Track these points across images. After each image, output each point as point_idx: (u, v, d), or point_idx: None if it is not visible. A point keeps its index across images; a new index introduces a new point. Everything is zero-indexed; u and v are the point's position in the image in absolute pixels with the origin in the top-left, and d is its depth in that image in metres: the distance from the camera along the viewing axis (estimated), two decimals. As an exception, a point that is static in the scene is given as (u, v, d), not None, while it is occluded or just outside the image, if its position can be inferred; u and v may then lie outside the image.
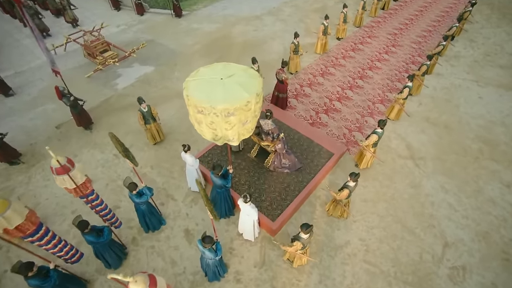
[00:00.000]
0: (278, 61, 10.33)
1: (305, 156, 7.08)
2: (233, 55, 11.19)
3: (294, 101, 9.13)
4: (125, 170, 7.34)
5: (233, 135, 4.16)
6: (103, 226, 5.07)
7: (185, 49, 11.69)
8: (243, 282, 5.46)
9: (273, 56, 11.04)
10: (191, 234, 6.21)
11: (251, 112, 4.01)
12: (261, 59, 10.64)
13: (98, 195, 4.94)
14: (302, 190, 6.38)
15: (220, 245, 4.84)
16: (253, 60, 8.09)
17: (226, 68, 4.23)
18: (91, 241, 4.75)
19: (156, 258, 5.81)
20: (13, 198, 6.83)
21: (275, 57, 10.96)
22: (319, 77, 10.01)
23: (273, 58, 10.88)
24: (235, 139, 4.26)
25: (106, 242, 4.96)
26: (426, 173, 7.20)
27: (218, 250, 4.76)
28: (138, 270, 5.58)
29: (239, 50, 11.45)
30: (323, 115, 8.65)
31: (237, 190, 6.41)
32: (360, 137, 7.99)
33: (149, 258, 5.82)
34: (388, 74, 10.21)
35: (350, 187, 5.49)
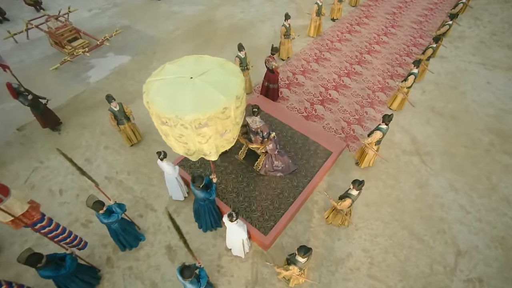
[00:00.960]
0: (268, 46, 9.36)
1: (300, 156, 6.31)
2: (218, 41, 10.13)
3: (286, 91, 8.26)
4: (99, 177, 6.49)
5: (210, 149, 3.35)
6: (64, 254, 4.30)
7: (165, 35, 10.56)
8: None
9: (263, 41, 10.03)
10: (174, 251, 5.49)
11: (231, 119, 3.18)
12: (249, 44, 9.65)
13: (51, 220, 4.11)
14: (297, 197, 5.66)
15: (204, 272, 4.13)
16: (239, 47, 7.13)
17: (199, 63, 3.35)
18: (49, 276, 3.98)
19: (134, 282, 5.10)
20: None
21: (264, 42, 9.95)
22: (313, 63, 9.10)
23: (262, 43, 9.88)
24: (213, 153, 3.45)
25: (68, 273, 4.20)
26: (433, 170, 6.53)
27: (202, 279, 4.06)
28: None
29: (224, 35, 10.38)
30: (319, 107, 7.83)
31: (224, 199, 5.65)
32: (361, 131, 7.23)
33: (126, 281, 5.11)
34: (388, 58, 9.34)
35: (352, 196, 4.78)
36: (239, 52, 7.17)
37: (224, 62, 3.48)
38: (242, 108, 3.41)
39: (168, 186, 5.80)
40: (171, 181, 5.56)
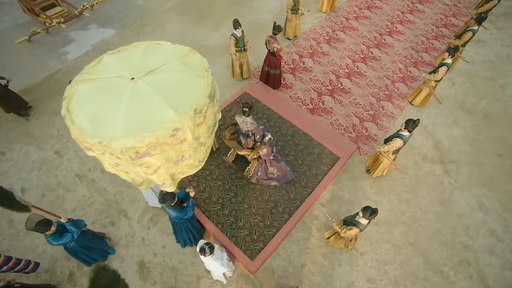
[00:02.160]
0: (272, 22, 8.01)
1: (301, 161, 5.31)
2: (215, 14, 8.78)
3: (291, 77, 7.07)
4: (68, 175, 5.66)
5: (162, 179, 2.37)
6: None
7: (156, 6, 9.22)
8: None
9: (266, 15, 8.64)
10: (147, 269, 4.73)
11: (189, 143, 2.16)
12: (250, 19, 8.34)
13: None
14: (294, 213, 4.74)
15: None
16: (234, 23, 5.90)
17: (149, 54, 2.28)
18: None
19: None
20: None
21: (268, 17, 8.57)
22: (324, 45, 7.78)
23: (266, 19, 8.50)
24: (167, 184, 2.48)
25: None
26: (459, 183, 5.47)
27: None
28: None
29: (223, 8, 8.99)
30: (327, 98, 6.68)
31: (206, 211, 4.78)
32: (375, 130, 6.13)
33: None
34: (413, 41, 7.93)
35: (361, 225, 3.82)
36: (235, 30, 5.96)
37: (187, 52, 2.39)
38: (208, 123, 2.38)
39: (142, 192, 4.93)
40: (145, 189, 4.68)
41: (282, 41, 7.77)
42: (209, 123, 2.41)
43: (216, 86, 2.55)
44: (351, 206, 5.22)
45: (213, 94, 2.31)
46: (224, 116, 5.92)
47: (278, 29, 5.72)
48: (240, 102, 6.13)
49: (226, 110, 5.99)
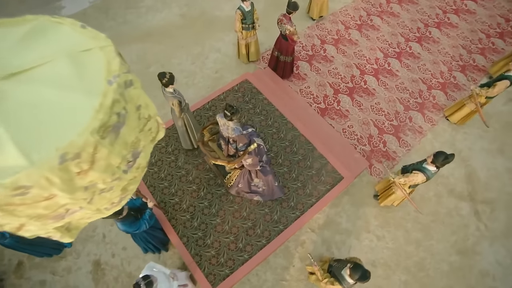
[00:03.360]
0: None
1: (295, 175, 4.41)
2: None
3: (306, 66, 5.95)
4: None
5: (43, 233, 1.61)
6: None
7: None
8: None
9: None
10: (102, 270, 4.23)
11: (65, 198, 1.35)
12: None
13: None
14: (273, 239, 3.96)
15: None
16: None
17: (32, 40, 1.41)
18: None
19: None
20: None
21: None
22: (353, 31, 6.46)
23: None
24: (58, 237, 1.72)
25: None
26: (490, 231, 4.39)
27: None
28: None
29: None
30: (345, 98, 5.56)
31: (173, 220, 4.10)
32: (395, 146, 5.03)
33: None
34: (467, 38, 6.40)
35: (346, 283, 2.96)
36: (242, 2, 4.86)
37: (93, 45, 1.49)
38: (108, 165, 1.53)
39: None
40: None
41: (305, 21, 6.53)
42: (113, 162, 1.56)
43: (131, 105, 1.65)
44: (347, 237, 4.35)
45: (114, 123, 1.43)
46: (216, 105, 5.04)
47: (293, 6, 4.56)
48: (239, 90, 5.19)
49: (220, 99, 5.09)
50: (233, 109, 3.31)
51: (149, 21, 6.77)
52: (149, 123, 1.94)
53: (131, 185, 1.99)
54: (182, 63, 6.05)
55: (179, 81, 5.80)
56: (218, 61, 6.06)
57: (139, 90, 1.78)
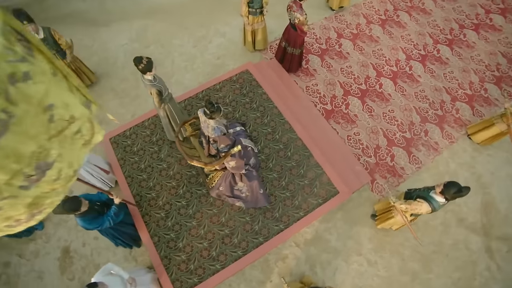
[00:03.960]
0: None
1: (285, 183, 3.97)
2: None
3: (317, 61, 5.38)
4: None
5: None
6: None
7: None
8: None
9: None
10: (70, 258, 4.02)
11: None
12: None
13: None
14: (250, 252, 3.58)
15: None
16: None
17: None
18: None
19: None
20: None
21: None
22: (375, 27, 5.78)
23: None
24: None
25: None
26: (503, 272, 3.83)
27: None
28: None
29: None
30: (355, 101, 5.00)
31: (147, 216, 3.79)
32: (403, 161, 4.48)
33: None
34: (510, 44, 5.58)
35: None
36: (250, -18, 4.34)
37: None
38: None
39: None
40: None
41: (323, 11, 5.91)
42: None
43: (25, 106, 1.25)
44: (334, 257, 3.92)
45: None
46: (210, 95, 4.61)
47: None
48: (237, 81, 4.73)
49: (215, 89, 4.66)
50: (213, 107, 2.88)
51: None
52: (72, 125, 1.56)
53: (48, 199, 1.64)
54: (184, 45, 5.61)
55: (176, 64, 5.40)
56: (221, 47, 5.58)
57: (47, 85, 1.38)
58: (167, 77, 5.26)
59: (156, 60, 5.41)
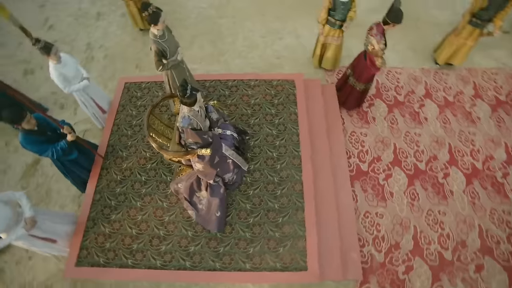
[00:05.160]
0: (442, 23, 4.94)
1: (252, 222, 3.16)
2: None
3: (383, 109, 4.33)
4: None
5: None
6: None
7: None
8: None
9: (435, 12, 5.34)
10: (35, 170, 4.04)
11: None
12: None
13: None
14: (170, 269, 2.94)
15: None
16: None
17: None
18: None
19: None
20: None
21: (438, 14, 5.28)
22: (483, 105, 4.34)
23: (434, 15, 5.28)
24: None
25: None
26: None
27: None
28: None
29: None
30: (401, 176, 3.81)
31: (105, 170, 3.49)
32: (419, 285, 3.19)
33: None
34: None
35: None
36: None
37: None
38: None
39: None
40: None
41: (424, 61, 4.77)
42: None
43: None
44: None
45: None
46: (238, 87, 4.05)
47: (393, 16, 3.03)
48: (275, 87, 4.03)
49: (247, 84, 4.06)
50: (186, 91, 2.29)
51: None
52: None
53: None
54: (253, 31, 5.17)
55: (235, 45, 4.99)
56: (288, 48, 4.95)
57: None
58: (218, 54, 4.90)
59: (219, 33, 5.16)
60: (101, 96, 3.83)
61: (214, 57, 4.90)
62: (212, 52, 4.97)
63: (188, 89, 2.31)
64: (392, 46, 4.80)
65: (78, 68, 3.43)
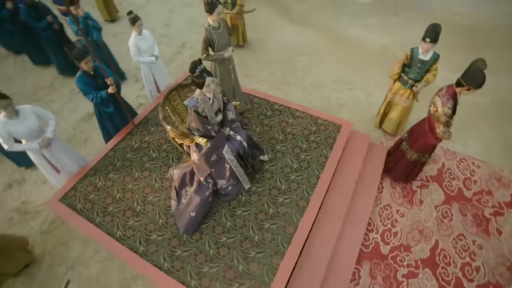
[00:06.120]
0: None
1: (224, 240, 2.79)
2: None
3: (437, 193, 3.48)
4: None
5: None
6: None
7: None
8: None
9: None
10: (89, 121, 4.60)
11: None
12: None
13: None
14: (126, 254, 2.77)
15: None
16: (432, 31, 3.14)
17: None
18: None
19: None
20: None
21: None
22: None
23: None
24: None
25: None
26: None
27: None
28: None
29: None
30: (432, 281, 2.85)
31: (130, 135, 3.71)
32: None
33: None
34: None
35: None
36: (421, 43, 3.22)
37: None
38: None
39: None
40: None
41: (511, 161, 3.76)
42: None
43: None
44: None
45: None
46: (281, 112, 3.92)
47: (470, 78, 2.47)
48: (319, 125, 3.74)
49: (292, 114, 3.89)
50: (195, 69, 2.30)
51: (355, 26, 6.11)
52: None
53: None
54: (327, 74, 5.11)
55: (303, 83, 4.96)
56: (355, 101, 4.65)
57: None
58: (284, 83, 4.99)
59: (293, 66, 5.32)
60: (162, 76, 4.23)
61: (278, 85, 4.96)
62: (279, 79, 5.06)
63: (198, 68, 2.31)
64: (477, 131, 4.03)
65: (153, 46, 3.92)
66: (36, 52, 5.34)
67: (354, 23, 6.32)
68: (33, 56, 5.48)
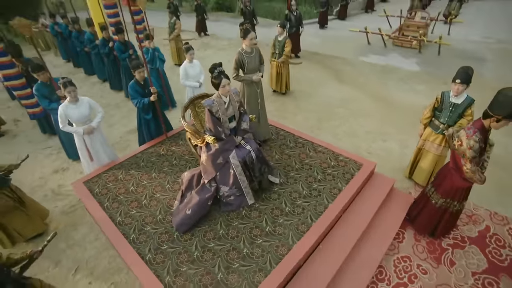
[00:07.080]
0: None
1: (213, 246, 2.66)
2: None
3: (476, 256, 2.84)
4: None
5: None
6: None
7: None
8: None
9: None
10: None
11: None
12: None
13: None
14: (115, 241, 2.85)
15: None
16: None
17: None
18: None
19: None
20: None
21: None
22: None
23: None
24: None
25: None
26: None
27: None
28: None
29: None
30: None
31: (161, 143, 4.08)
32: None
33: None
34: None
35: None
36: (452, 85, 3.12)
37: None
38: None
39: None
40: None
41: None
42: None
43: None
44: None
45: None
46: (303, 144, 3.92)
47: (499, 107, 2.22)
48: (338, 160, 3.62)
49: (315, 148, 3.87)
50: (215, 69, 2.62)
51: (401, 90, 6.10)
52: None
53: None
54: (363, 126, 5.08)
55: (336, 130, 5.00)
56: (387, 151, 4.45)
57: None
58: (316, 127, 5.07)
59: (329, 116, 5.61)
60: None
61: (310, 128, 5.06)
62: (313, 124, 5.17)
63: (217, 69, 2.61)
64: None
65: (200, 75, 4.54)
66: (116, 80, 6.59)
67: (400, 87, 6.39)
68: (112, 83, 6.74)
